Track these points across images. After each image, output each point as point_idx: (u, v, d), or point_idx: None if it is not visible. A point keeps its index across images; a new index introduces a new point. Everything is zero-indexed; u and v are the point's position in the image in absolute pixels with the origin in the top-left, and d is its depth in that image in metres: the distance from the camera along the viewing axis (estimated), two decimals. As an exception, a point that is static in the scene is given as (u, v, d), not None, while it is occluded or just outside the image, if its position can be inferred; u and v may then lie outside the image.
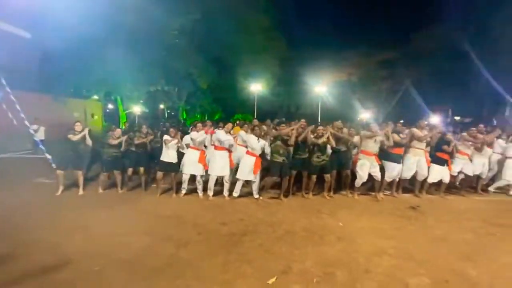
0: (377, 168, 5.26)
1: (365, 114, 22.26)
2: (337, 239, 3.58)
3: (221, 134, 5.13)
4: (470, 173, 5.65)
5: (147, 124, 5.95)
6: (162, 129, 7.05)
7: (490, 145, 5.76)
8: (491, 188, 5.94)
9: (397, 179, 5.52)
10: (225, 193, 5.27)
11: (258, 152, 5.08)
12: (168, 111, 30.66)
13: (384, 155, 5.38)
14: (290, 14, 25.98)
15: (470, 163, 5.61)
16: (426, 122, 5.51)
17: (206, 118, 26.23)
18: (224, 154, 5.17)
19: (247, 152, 5.13)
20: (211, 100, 25.16)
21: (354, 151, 5.62)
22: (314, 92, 23.44)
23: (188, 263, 2.92)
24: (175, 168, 5.29)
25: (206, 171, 5.25)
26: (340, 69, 22.92)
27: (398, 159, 5.30)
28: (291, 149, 5.28)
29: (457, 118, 21.35)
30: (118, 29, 12.16)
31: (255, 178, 5.12)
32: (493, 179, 6.11)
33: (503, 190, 6.02)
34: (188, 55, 17.09)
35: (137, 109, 24.19)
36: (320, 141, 5.13)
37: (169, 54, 15.91)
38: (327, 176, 5.31)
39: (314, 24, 32.15)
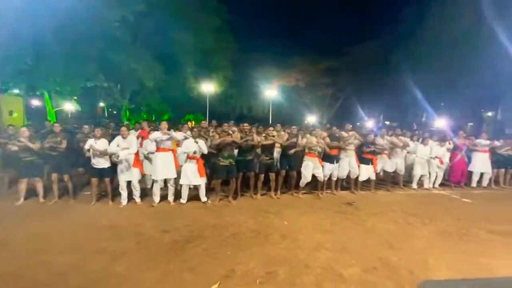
0: (320, 169, 5.67)
1: (311, 118, 23.82)
2: (281, 237, 3.71)
3: (153, 134, 4.83)
4: (390, 170, 6.53)
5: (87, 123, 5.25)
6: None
7: (405, 146, 6.66)
8: (414, 186, 6.89)
9: (335, 178, 6.02)
10: (170, 198, 5.00)
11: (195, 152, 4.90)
12: (110, 109, 27.91)
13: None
14: (241, 17, 26.34)
15: (389, 161, 6.46)
16: (350, 126, 6.32)
17: (153, 119, 24.66)
18: (167, 156, 4.87)
19: (188, 157, 4.91)
20: (159, 100, 23.68)
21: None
22: (265, 95, 24.11)
23: (122, 277, 2.67)
24: (108, 172, 4.78)
25: (143, 176, 4.90)
26: (288, 75, 24.01)
27: (332, 159, 5.81)
28: (236, 151, 5.31)
29: (387, 122, 24.48)
30: (43, 11, 10.36)
31: (201, 181, 4.98)
32: (410, 175, 7.11)
33: (421, 184, 7.03)
34: (131, 50, 15.73)
35: (70, 106, 21.36)
36: (267, 142, 5.30)
37: (108, 47, 14.37)
38: (272, 175, 5.53)
39: (264, 29, 33.20)
